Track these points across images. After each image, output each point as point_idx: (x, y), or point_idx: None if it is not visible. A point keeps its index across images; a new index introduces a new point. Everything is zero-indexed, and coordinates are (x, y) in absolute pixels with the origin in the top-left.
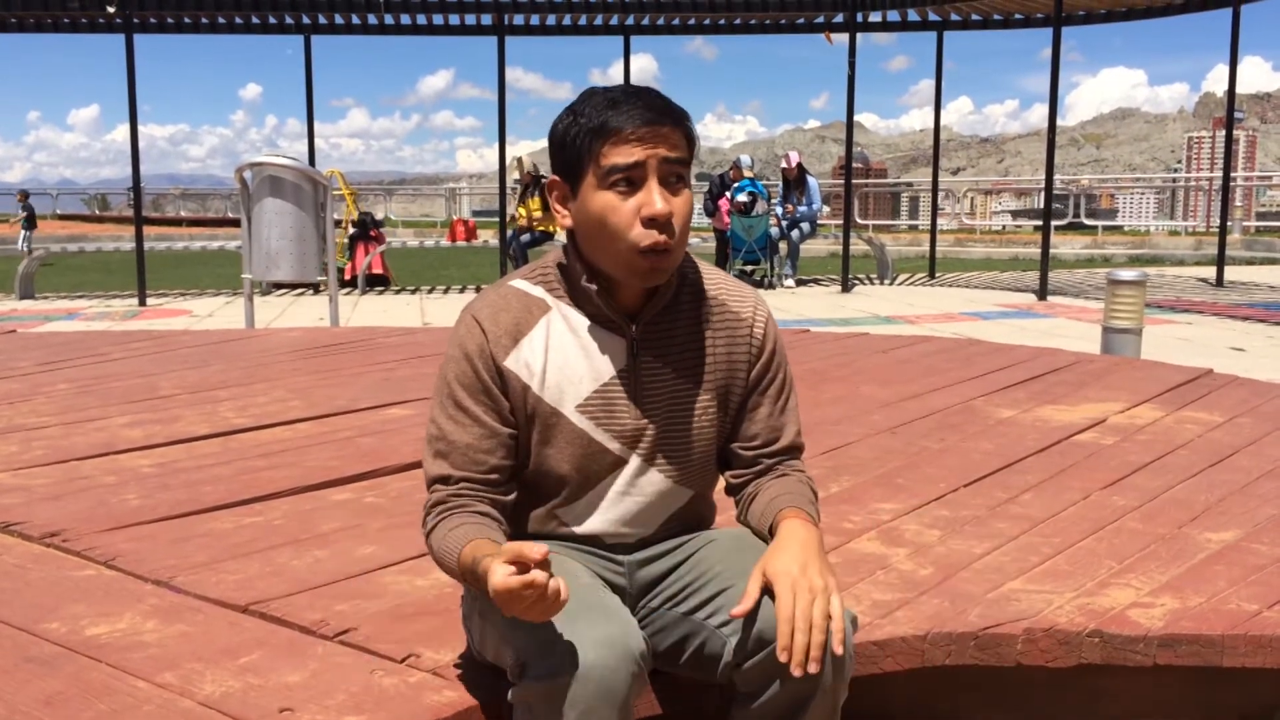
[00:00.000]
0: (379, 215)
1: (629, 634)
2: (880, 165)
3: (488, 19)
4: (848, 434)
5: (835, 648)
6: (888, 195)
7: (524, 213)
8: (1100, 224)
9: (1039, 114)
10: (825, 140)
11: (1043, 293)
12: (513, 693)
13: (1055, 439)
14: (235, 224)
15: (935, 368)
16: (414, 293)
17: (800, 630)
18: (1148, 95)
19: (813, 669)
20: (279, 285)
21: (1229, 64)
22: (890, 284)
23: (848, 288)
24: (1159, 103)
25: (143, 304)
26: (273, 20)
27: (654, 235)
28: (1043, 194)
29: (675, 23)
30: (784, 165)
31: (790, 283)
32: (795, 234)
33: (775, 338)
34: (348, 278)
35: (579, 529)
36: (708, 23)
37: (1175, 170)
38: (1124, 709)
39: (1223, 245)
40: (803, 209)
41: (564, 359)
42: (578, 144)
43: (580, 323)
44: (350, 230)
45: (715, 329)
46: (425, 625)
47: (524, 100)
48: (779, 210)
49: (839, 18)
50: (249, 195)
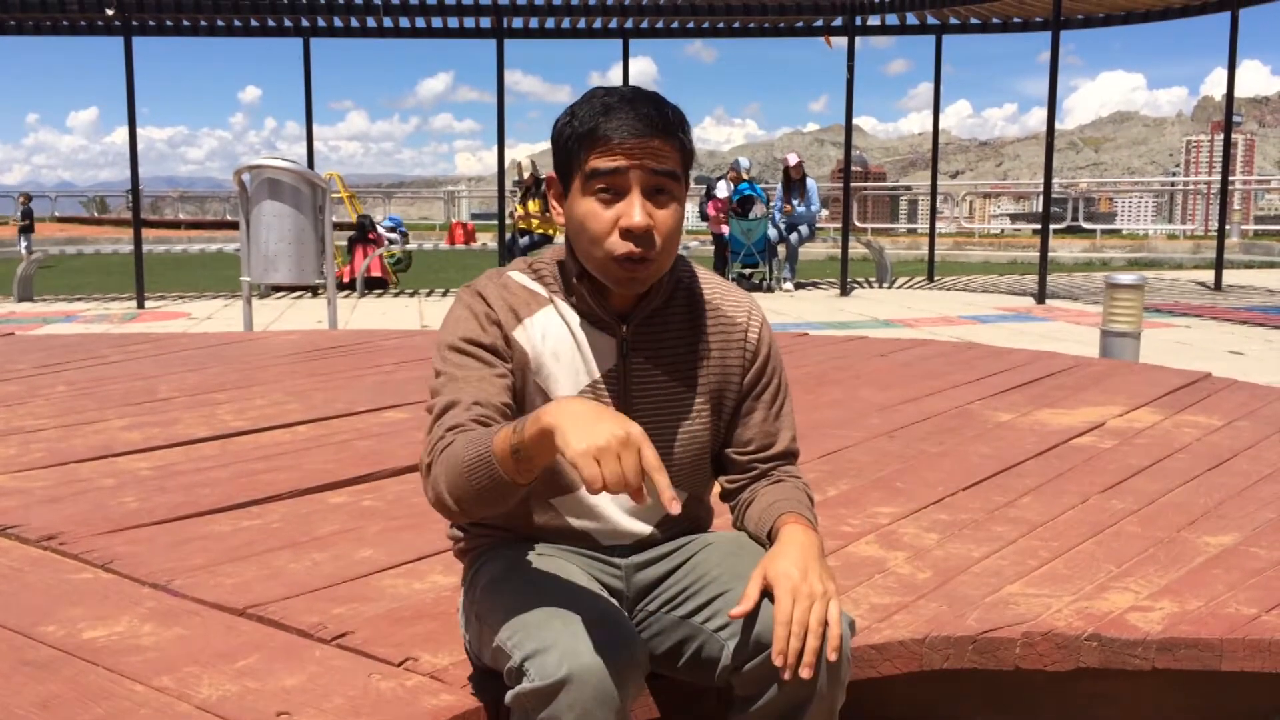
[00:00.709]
0: (377, 218)
1: (627, 637)
2: (879, 168)
3: (487, 22)
4: (846, 437)
5: (830, 654)
6: (886, 198)
7: (523, 214)
8: (1099, 228)
9: (1038, 117)
10: (824, 143)
11: (1041, 296)
12: (510, 696)
13: (1054, 442)
14: (234, 226)
15: (934, 371)
16: (412, 295)
17: (796, 635)
18: (1146, 99)
19: (805, 674)
20: (277, 288)
21: (1227, 68)
22: (889, 287)
23: (846, 291)
24: (1157, 106)
25: (141, 306)
26: (272, 23)
27: (629, 246)
28: (1041, 197)
29: (674, 26)
30: (789, 164)
31: (789, 286)
32: (794, 237)
33: (770, 343)
34: (345, 280)
35: (576, 521)
36: (707, 26)
37: (1174, 174)
38: (1122, 713)
39: (1221, 249)
40: (801, 210)
41: (560, 351)
42: (569, 147)
43: (574, 319)
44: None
45: (709, 333)
46: (423, 629)
47: (523, 103)
48: (778, 211)
49: (838, 21)
50: (248, 198)
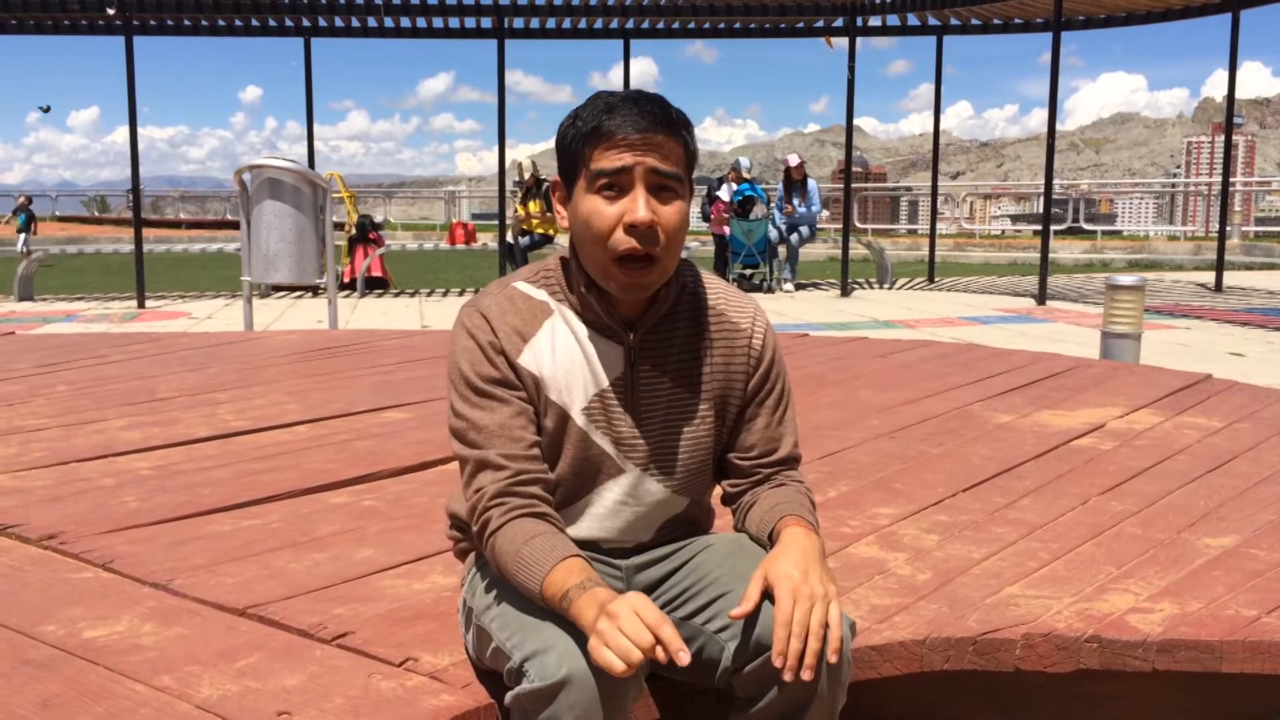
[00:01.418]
0: (378, 218)
1: None
2: (879, 169)
3: (488, 22)
4: (846, 438)
5: (830, 656)
6: (887, 199)
7: (524, 215)
8: (1099, 229)
9: (1038, 119)
10: (825, 144)
11: (1042, 297)
12: (510, 697)
13: (1054, 444)
14: (234, 226)
15: (934, 372)
16: (413, 295)
17: (796, 636)
18: (1147, 100)
19: (806, 676)
20: (278, 288)
21: (1228, 69)
22: (889, 288)
23: (847, 292)
24: (1158, 108)
25: (141, 306)
26: (272, 23)
27: (631, 242)
28: (1042, 198)
29: (675, 26)
30: (790, 164)
31: (789, 286)
32: (794, 238)
33: (774, 348)
34: (346, 280)
35: (573, 531)
36: (708, 26)
37: (1174, 175)
38: (1122, 714)
39: (1222, 250)
40: (802, 210)
41: (569, 361)
42: (573, 147)
43: (581, 328)
44: (352, 233)
45: (713, 339)
46: (423, 629)
47: (524, 103)
48: (778, 212)
49: (839, 22)
50: (248, 198)
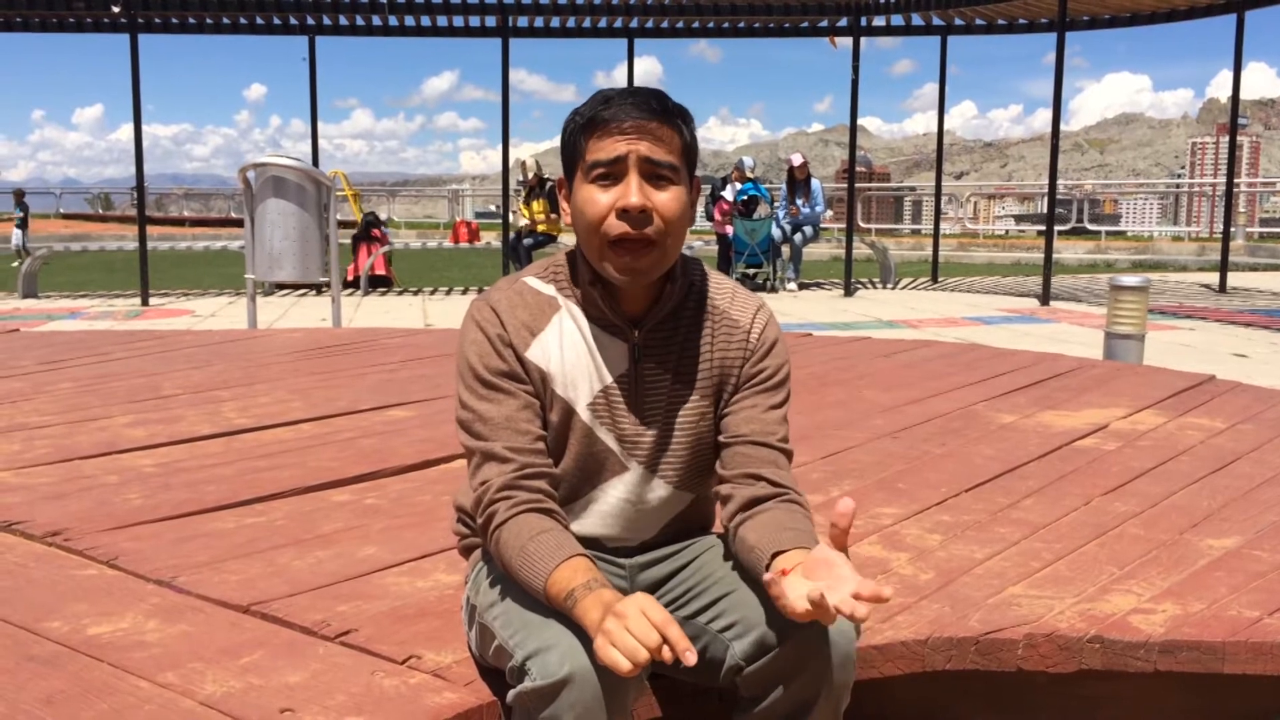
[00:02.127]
0: (382, 216)
1: None
2: (883, 169)
3: (492, 21)
4: (849, 438)
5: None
6: (891, 199)
7: (526, 214)
8: (1103, 229)
9: (1043, 119)
10: (828, 144)
11: (1045, 298)
12: (512, 695)
13: (1057, 444)
14: (238, 224)
15: (937, 372)
16: (416, 294)
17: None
18: (1152, 101)
19: (861, 612)
20: (282, 286)
21: (1233, 70)
22: (893, 288)
23: (850, 291)
24: (1163, 108)
25: (145, 304)
26: (277, 21)
27: (624, 227)
28: (1046, 199)
29: (679, 25)
30: (794, 164)
31: (793, 286)
32: (798, 237)
33: (772, 341)
34: (350, 278)
35: (576, 528)
36: (712, 26)
37: (1179, 176)
38: (1124, 715)
39: (1226, 251)
40: (806, 210)
41: (575, 356)
42: (571, 140)
43: (586, 325)
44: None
45: (715, 337)
46: (426, 627)
47: (528, 102)
48: (782, 212)
49: (843, 21)
50: (252, 196)
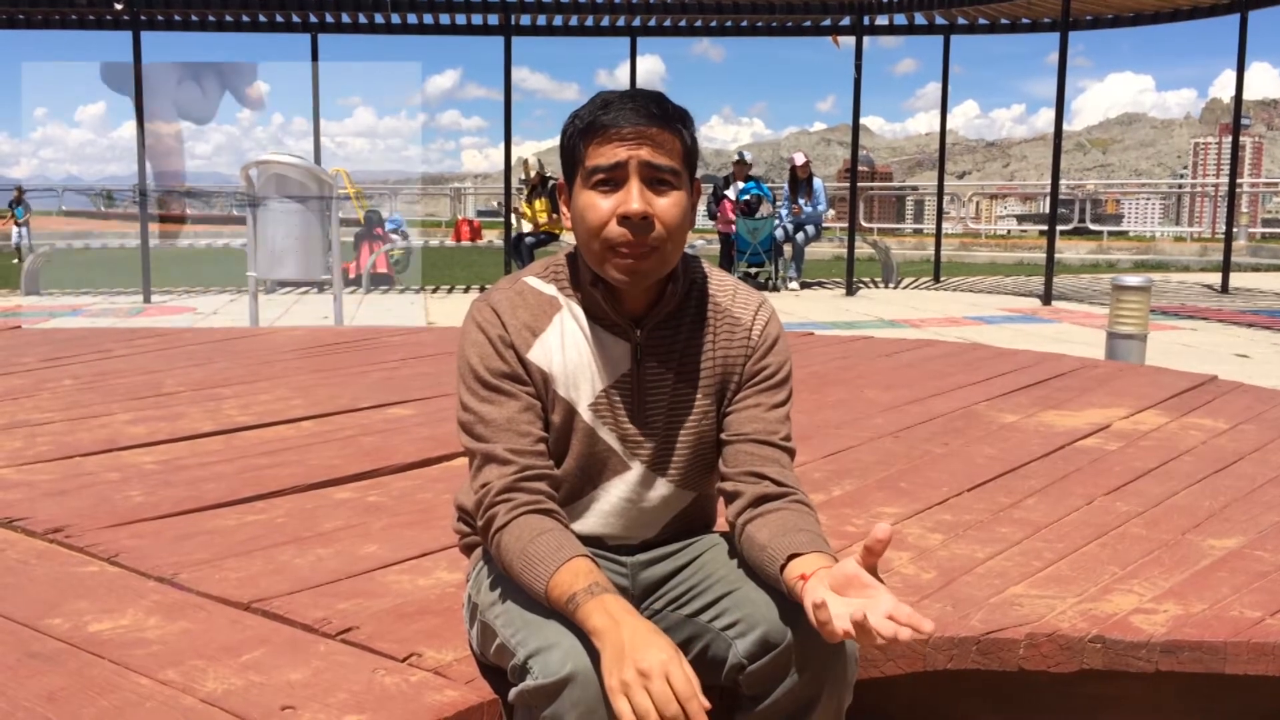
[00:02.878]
0: (385, 214)
1: None
2: (885, 168)
3: (495, 19)
4: (851, 437)
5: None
6: (893, 198)
7: (528, 213)
8: (1106, 229)
9: (1045, 118)
10: (831, 143)
11: (1047, 298)
12: (514, 693)
13: (1059, 444)
14: (240, 222)
15: (939, 372)
16: (418, 292)
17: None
18: (1155, 100)
19: (904, 635)
20: (283, 283)
21: (1236, 70)
22: (895, 287)
23: (852, 291)
24: (1166, 108)
25: (147, 301)
26: (280, 19)
27: (624, 234)
28: (1048, 199)
29: (682, 24)
30: (796, 163)
31: (794, 285)
32: (800, 236)
33: (774, 337)
34: (352, 276)
35: (578, 528)
36: (715, 24)
37: (1181, 176)
38: (1125, 715)
39: (1228, 251)
40: (808, 209)
41: (577, 356)
42: (571, 144)
43: (587, 325)
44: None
45: (717, 335)
46: (427, 624)
47: (530, 101)
48: (785, 211)
49: (846, 21)
50: (255, 193)
